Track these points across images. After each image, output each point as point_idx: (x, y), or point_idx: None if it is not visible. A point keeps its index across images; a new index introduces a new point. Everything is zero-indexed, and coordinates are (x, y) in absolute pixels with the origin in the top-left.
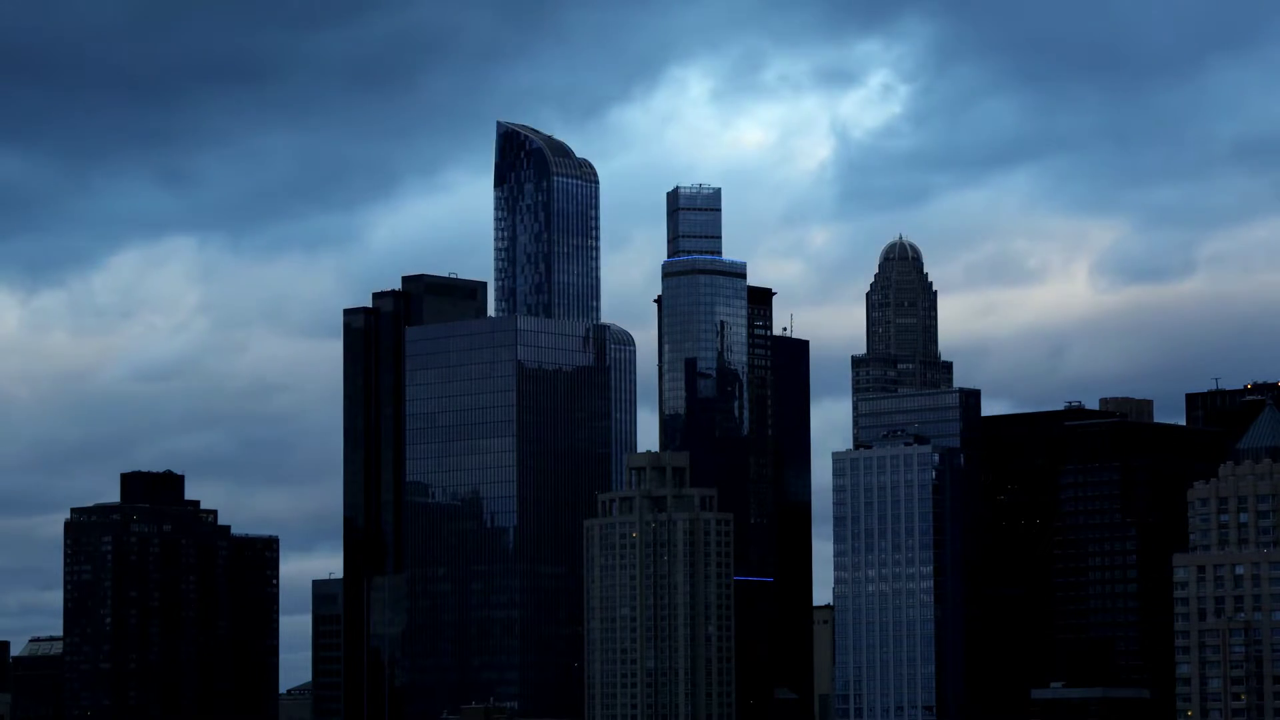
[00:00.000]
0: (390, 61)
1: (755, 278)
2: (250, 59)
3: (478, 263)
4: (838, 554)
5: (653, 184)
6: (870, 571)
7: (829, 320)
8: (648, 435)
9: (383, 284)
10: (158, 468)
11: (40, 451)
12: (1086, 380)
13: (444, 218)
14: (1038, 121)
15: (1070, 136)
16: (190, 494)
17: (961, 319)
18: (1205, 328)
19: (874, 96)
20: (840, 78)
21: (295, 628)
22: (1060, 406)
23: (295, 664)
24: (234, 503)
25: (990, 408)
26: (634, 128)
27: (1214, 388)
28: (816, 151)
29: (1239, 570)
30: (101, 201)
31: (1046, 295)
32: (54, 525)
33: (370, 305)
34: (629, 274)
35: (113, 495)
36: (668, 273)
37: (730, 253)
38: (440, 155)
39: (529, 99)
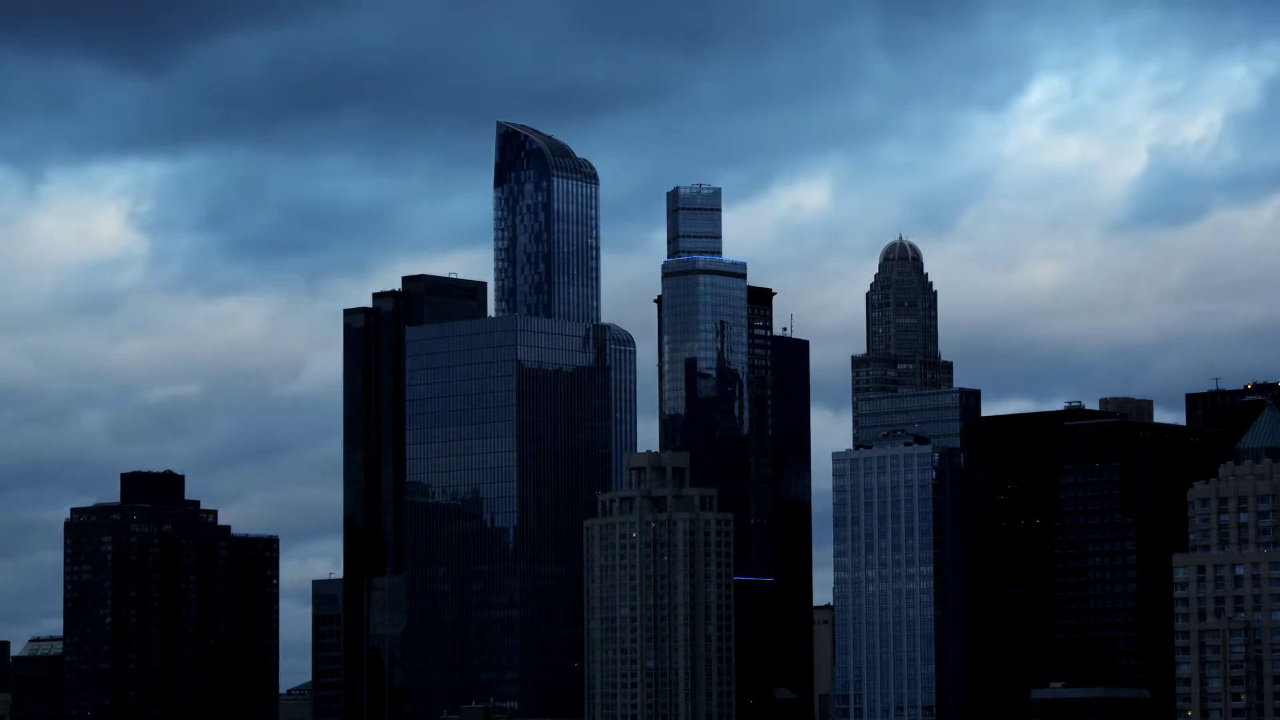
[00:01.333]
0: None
1: (1006, 283)
2: (622, 84)
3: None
4: (838, 554)
5: (954, 190)
6: (870, 572)
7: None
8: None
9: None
10: (302, 469)
11: (206, 451)
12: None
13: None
14: None
15: None
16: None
17: (1180, 320)
18: None
19: (1202, 119)
20: (1175, 100)
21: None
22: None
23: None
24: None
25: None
26: (967, 143)
27: (1214, 388)
28: (1127, 168)
29: (1239, 570)
30: (408, 219)
31: (1256, 301)
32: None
33: (371, 305)
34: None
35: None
36: (668, 273)
37: (992, 256)
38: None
39: (873, 119)
